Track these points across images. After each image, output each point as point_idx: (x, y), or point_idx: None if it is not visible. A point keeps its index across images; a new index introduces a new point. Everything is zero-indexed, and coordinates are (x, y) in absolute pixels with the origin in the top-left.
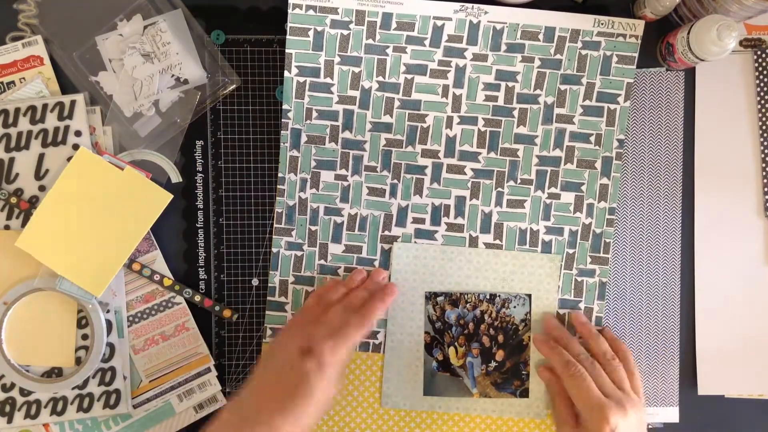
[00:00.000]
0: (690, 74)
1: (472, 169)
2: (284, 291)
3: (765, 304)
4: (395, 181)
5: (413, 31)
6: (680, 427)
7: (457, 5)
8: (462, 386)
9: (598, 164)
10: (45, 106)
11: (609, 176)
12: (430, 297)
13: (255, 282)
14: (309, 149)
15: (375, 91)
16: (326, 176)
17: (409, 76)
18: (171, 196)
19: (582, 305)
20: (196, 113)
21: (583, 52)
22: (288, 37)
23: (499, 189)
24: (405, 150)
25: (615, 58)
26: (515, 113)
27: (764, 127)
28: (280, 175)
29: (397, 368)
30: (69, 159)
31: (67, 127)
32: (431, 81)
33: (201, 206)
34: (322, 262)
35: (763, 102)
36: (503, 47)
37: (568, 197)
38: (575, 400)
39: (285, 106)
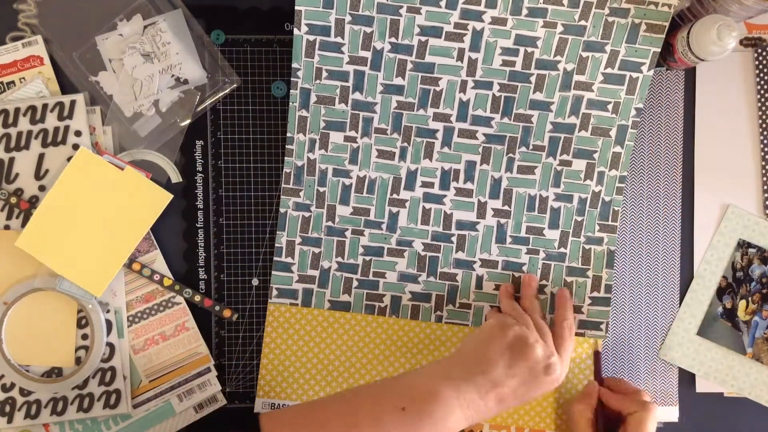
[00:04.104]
0: (690, 74)
1: (484, 134)
2: (291, 252)
3: None
4: (405, 144)
5: None
6: (680, 426)
7: None
8: (738, 342)
9: (613, 132)
10: (45, 106)
11: (623, 144)
12: (743, 245)
13: (255, 282)
14: (318, 109)
15: (387, 53)
16: (335, 137)
17: (423, 38)
18: (171, 196)
19: (590, 273)
20: (196, 113)
21: (610, 19)
22: None
23: (510, 155)
24: (416, 113)
25: (644, 26)
26: (532, 79)
27: (764, 126)
28: (288, 134)
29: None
30: (69, 159)
31: (67, 127)
32: (446, 44)
33: (201, 206)
34: (330, 223)
35: (763, 101)
36: (524, 11)
37: (579, 164)
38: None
39: (294, 65)
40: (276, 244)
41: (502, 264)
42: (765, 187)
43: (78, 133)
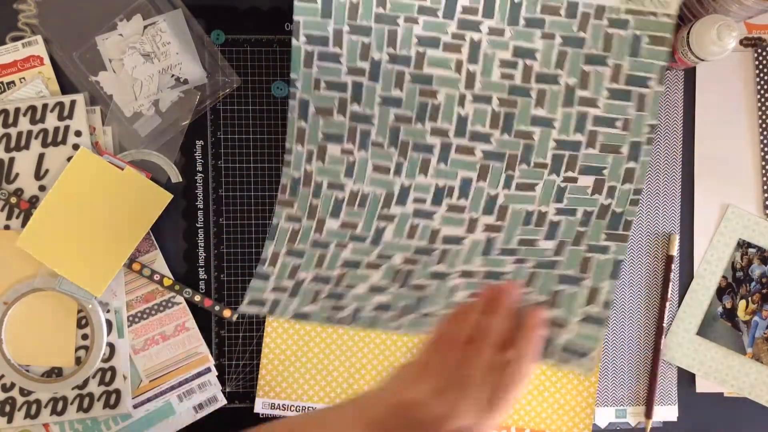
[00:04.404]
0: (690, 74)
1: (483, 151)
2: (274, 262)
3: None
4: (401, 159)
5: (425, 0)
6: (679, 426)
7: None
8: (738, 342)
9: (624, 149)
10: (45, 106)
11: (637, 160)
12: (743, 245)
13: None
14: (317, 121)
15: (385, 63)
16: (333, 150)
17: (421, 49)
18: (171, 196)
19: (587, 283)
20: (196, 113)
21: (609, 30)
22: (296, 3)
23: (510, 172)
24: (414, 127)
25: (645, 39)
26: (533, 93)
27: (764, 126)
28: (287, 146)
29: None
30: (69, 159)
31: (67, 127)
32: (444, 55)
33: (201, 206)
34: (316, 236)
35: (763, 101)
36: (522, 22)
37: (586, 180)
38: None
39: (292, 75)
40: (262, 254)
41: (483, 274)
42: (765, 187)
43: (78, 133)
